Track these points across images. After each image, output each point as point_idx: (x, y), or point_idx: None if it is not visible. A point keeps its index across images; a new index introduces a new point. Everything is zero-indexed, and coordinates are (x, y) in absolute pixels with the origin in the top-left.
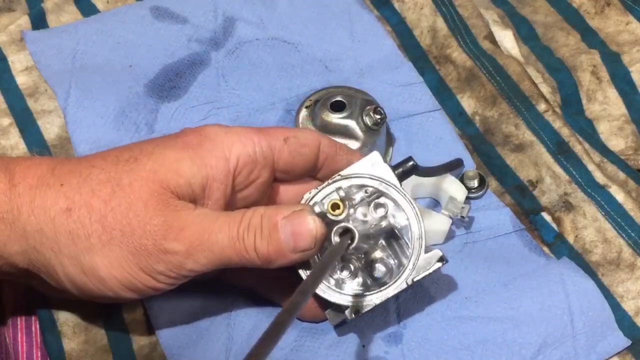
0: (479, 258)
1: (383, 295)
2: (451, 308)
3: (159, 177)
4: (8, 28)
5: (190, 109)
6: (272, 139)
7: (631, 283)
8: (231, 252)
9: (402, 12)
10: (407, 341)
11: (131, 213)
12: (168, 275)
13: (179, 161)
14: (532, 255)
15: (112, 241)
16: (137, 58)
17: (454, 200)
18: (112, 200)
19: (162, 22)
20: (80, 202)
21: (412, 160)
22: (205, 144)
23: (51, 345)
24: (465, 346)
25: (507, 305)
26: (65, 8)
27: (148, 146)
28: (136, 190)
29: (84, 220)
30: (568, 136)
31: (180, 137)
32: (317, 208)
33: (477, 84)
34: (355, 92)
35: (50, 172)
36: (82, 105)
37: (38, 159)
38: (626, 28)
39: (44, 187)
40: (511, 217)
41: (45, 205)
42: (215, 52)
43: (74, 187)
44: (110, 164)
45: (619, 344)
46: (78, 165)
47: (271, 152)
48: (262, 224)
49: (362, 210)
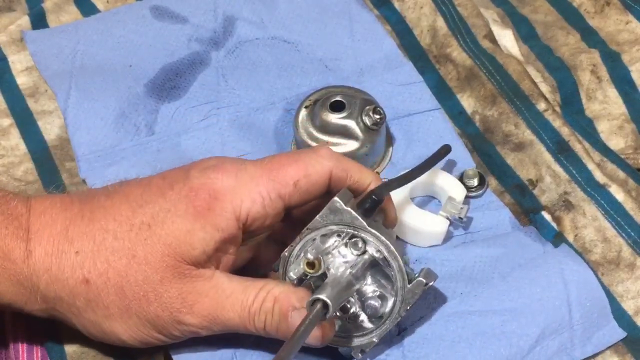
0: (476, 251)
1: (382, 332)
2: (449, 305)
3: (174, 250)
4: (8, 28)
5: (190, 109)
6: (282, 187)
7: (631, 282)
8: (242, 328)
9: (402, 12)
10: (407, 342)
11: (147, 286)
12: (185, 336)
13: (191, 234)
14: (529, 240)
15: (130, 311)
16: (137, 58)
17: (453, 201)
18: (128, 273)
19: (162, 21)
20: (97, 273)
21: (373, 195)
22: (215, 207)
23: (52, 346)
24: (464, 339)
25: (506, 297)
26: (65, 8)
27: (159, 211)
28: (152, 263)
29: (102, 292)
30: (568, 135)
31: (190, 200)
32: (294, 267)
33: (477, 83)
34: (355, 91)
35: (64, 233)
36: (82, 107)
37: (50, 212)
38: (626, 27)
39: (60, 254)
40: (510, 217)
41: (63, 276)
42: (216, 51)
43: (89, 256)
44: (124, 230)
45: (615, 335)
46: (91, 226)
47: (281, 201)
48: (274, 310)
49: (342, 251)
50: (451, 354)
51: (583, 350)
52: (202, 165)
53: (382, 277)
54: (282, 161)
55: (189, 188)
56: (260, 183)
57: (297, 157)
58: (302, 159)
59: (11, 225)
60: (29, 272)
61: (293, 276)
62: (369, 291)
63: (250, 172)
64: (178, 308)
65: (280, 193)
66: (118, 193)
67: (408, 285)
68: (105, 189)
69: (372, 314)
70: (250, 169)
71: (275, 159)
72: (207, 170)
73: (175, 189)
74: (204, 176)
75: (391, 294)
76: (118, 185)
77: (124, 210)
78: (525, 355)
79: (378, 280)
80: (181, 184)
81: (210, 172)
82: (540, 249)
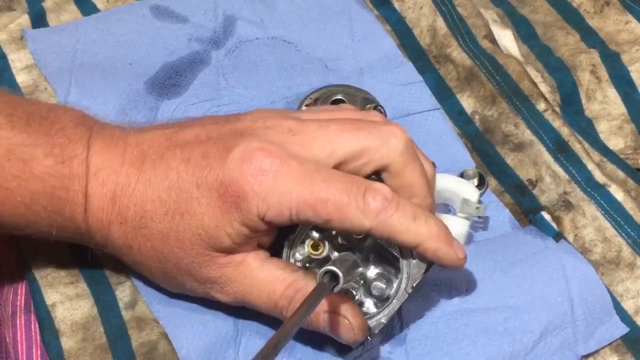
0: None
1: (390, 311)
2: (452, 302)
3: (204, 241)
4: (8, 27)
5: (190, 106)
6: (314, 216)
7: (631, 282)
8: (267, 312)
9: (402, 12)
10: (409, 340)
11: (180, 266)
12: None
13: (219, 229)
14: (529, 237)
15: (169, 277)
16: (137, 56)
17: (468, 202)
18: (164, 251)
19: (162, 21)
20: (137, 245)
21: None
22: (241, 206)
23: (49, 343)
24: (467, 336)
25: (508, 294)
26: (65, 7)
27: (191, 199)
28: (183, 249)
29: (143, 258)
30: (567, 135)
31: (220, 195)
32: (299, 249)
33: (477, 83)
34: (356, 90)
35: (113, 200)
36: (82, 103)
37: (103, 173)
38: (625, 27)
39: (109, 224)
40: (510, 218)
41: (112, 237)
42: (216, 51)
43: (131, 229)
44: (160, 213)
45: (617, 330)
46: (134, 199)
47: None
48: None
49: (345, 235)
50: (454, 351)
51: (586, 346)
52: (247, 143)
53: (385, 262)
54: (330, 188)
55: (221, 183)
56: (294, 198)
57: (346, 193)
58: (349, 204)
59: (72, 184)
60: (86, 229)
61: (299, 257)
62: (373, 274)
63: (291, 176)
64: (209, 287)
65: (309, 218)
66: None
67: (413, 260)
68: (151, 158)
69: (379, 295)
70: (293, 172)
71: (328, 179)
72: (248, 160)
73: (210, 177)
74: (240, 169)
75: (396, 276)
76: (159, 158)
77: (162, 191)
78: (529, 352)
79: (382, 264)
80: (217, 171)
81: (248, 163)
82: (541, 244)
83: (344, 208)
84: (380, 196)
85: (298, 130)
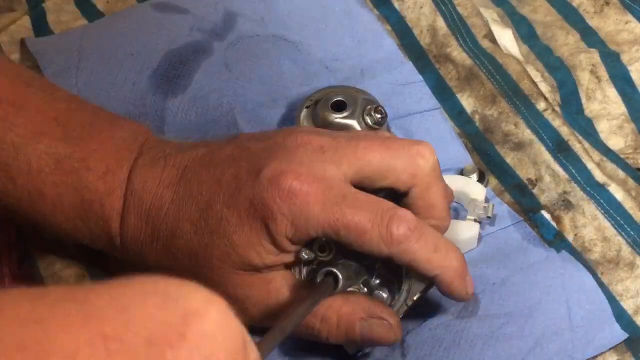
0: (477, 256)
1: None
2: (450, 310)
3: (232, 260)
4: (9, 28)
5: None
6: (336, 237)
7: (630, 282)
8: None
9: (402, 11)
10: (407, 345)
11: (208, 283)
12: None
13: (248, 249)
14: (531, 247)
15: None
16: (140, 45)
17: (475, 202)
18: (192, 266)
19: (163, 12)
20: (166, 261)
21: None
22: (270, 226)
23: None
24: (464, 341)
25: (506, 302)
26: (66, 8)
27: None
28: (210, 267)
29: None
30: (567, 135)
31: (249, 215)
32: (306, 248)
33: (477, 83)
34: (356, 91)
35: (145, 219)
36: None
37: (141, 191)
38: (625, 27)
39: (143, 238)
40: (509, 211)
41: (146, 258)
42: (218, 42)
43: (162, 246)
44: (189, 230)
45: (616, 337)
46: (165, 217)
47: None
48: (338, 324)
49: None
50: (451, 356)
51: (584, 352)
52: (277, 164)
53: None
54: (355, 215)
55: (250, 203)
56: (320, 223)
57: (371, 222)
58: (372, 232)
59: (114, 194)
60: (120, 244)
61: (305, 256)
62: (376, 283)
63: (317, 201)
64: (234, 302)
65: (332, 238)
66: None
67: (415, 276)
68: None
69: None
70: (320, 197)
71: (354, 205)
72: (277, 182)
73: (240, 198)
74: (269, 190)
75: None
76: (194, 178)
77: (193, 211)
78: (524, 356)
79: (387, 274)
80: (247, 192)
81: (277, 185)
82: (542, 254)
83: (366, 235)
84: (404, 225)
85: (328, 148)
